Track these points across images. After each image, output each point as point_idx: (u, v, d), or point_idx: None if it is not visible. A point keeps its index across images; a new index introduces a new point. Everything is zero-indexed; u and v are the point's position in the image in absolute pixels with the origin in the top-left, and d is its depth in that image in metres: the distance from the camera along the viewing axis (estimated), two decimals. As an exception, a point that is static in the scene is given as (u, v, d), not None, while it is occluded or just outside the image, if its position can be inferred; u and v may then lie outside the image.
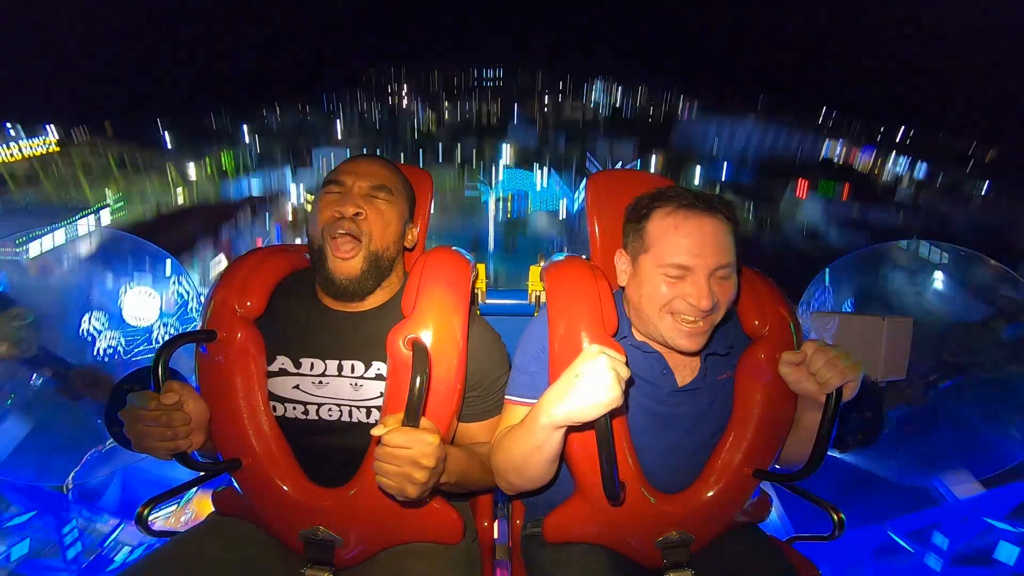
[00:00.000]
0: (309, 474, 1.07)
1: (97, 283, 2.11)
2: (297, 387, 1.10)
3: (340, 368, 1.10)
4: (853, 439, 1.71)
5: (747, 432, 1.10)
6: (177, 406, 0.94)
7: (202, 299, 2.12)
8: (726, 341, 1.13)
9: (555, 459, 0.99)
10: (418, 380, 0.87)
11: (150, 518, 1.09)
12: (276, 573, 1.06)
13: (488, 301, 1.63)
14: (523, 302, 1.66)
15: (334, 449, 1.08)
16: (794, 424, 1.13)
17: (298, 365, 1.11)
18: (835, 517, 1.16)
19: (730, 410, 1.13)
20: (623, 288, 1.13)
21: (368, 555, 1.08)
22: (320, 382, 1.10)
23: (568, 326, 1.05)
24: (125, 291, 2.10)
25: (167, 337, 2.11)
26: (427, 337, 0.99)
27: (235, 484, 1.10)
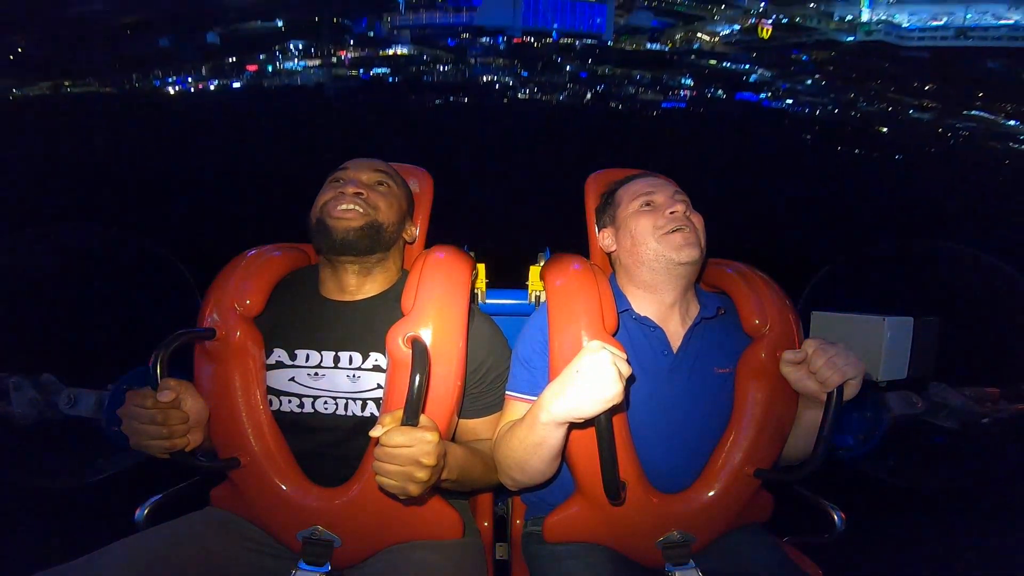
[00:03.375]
0: (306, 472, 1.07)
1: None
2: (293, 379, 1.09)
3: (336, 359, 1.10)
4: (853, 439, 1.70)
5: (748, 431, 1.09)
6: (174, 404, 0.94)
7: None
8: (716, 303, 1.19)
9: (557, 456, 0.99)
10: (417, 378, 0.86)
11: (148, 517, 1.09)
12: (272, 572, 1.05)
13: (488, 301, 1.63)
14: (523, 302, 1.66)
15: (329, 444, 1.08)
16: (795, 424, 1.13)
17: (294, 357, 1.10)
18: (835, 517, 1.16)
19: (731, 408, 1.13)
20: (614, 274, 1.24)
21: (367, 555, 1.07)
22: (316, 374, 1.09)
23: (568, 325, 1.05)
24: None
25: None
26: (427, 335, 0.99)
27: (233, 482, 1.09)
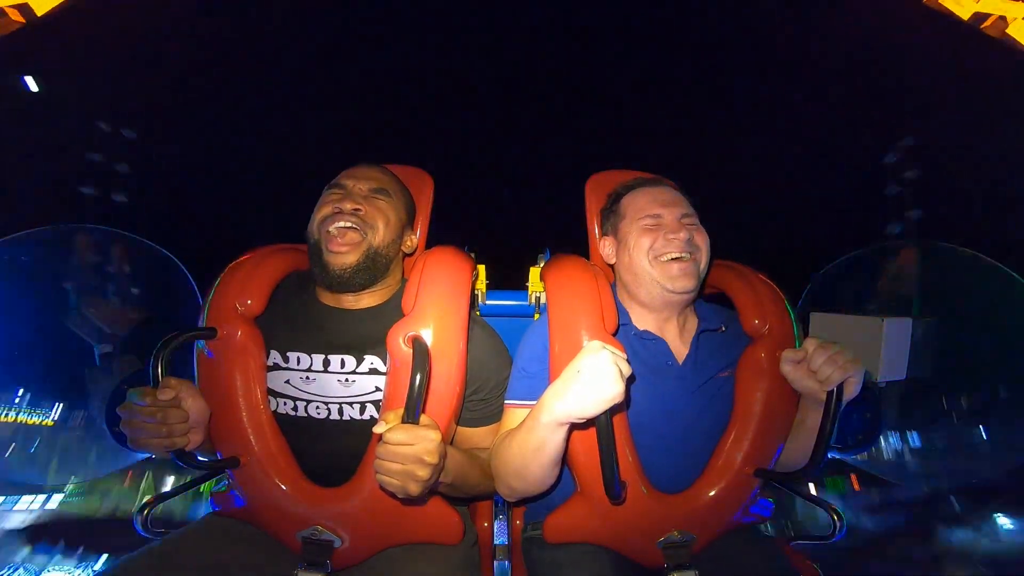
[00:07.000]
0: (307, 473, 1.06)
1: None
2: (288, 382, 1.09)
3: (326, 363, 1.09)
4: (853, 439, 1.71)
5: (748, 431, 1.10)
6: (174, 403, 0.94)
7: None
8: (719, 318, 1.18)
9: (557, 461, 0.98)
10: (418, 377, 0.87)
11: (150, 517, 1.09)
12: (273, 573, 1.05)
13: (488, 302, 1.63)
14: (523, 303, 1.66)
15: (326, 448, 1.08)
16: (795, 424, 1.14)
17: (287, 359, 1.10)
18: (835, 517, 1.16)
19: (731, 409, 1.13)
20: (615, 283, 1.22)
21: (366, 556, 1.07)
22: (307, 377, 1.09)
23: (569, 325, 1.05)
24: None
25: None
26: (427, 335, 0.99)
27: (234, 483, 1.09)
